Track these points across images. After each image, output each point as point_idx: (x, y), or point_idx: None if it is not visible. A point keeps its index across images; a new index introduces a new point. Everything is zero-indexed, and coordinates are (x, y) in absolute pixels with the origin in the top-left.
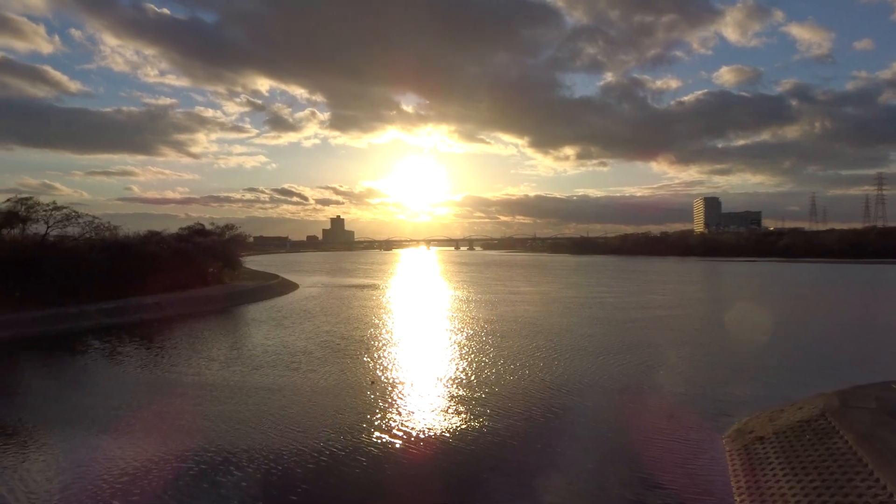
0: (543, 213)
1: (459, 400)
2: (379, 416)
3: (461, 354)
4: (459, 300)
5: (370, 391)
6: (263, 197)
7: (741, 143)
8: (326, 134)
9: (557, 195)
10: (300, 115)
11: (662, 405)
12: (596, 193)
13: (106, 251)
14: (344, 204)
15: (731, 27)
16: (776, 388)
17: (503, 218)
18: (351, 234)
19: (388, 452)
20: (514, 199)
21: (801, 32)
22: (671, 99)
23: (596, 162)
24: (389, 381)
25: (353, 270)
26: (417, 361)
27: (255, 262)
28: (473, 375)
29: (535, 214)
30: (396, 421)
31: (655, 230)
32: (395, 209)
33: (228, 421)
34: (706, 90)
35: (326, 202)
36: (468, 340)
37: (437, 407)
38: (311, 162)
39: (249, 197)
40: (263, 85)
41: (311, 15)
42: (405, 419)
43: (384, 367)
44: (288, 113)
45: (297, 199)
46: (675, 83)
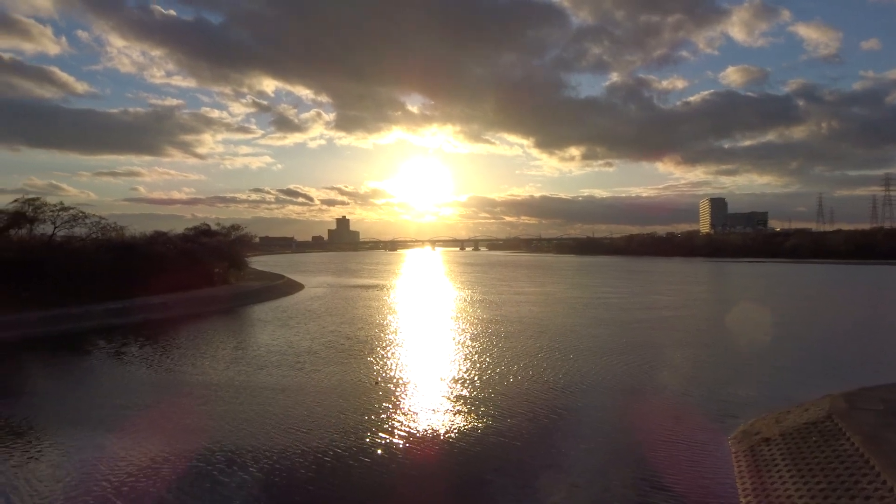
0: (548, 213)
1: (463, 400)
2: (383, 416)
3: (465, 355)
4: (464, 300)
5: (374, 391)
6: (269, 197)
7: (748, 143)
8: (332, 134)
9: (563, 196)
10: (306, 115)
11: (667, 406)
12: (601, 194)
13: (112, 252)
14: (349, 204)
15: (737, 27)
16: (782, 389)
17: (508, 218)
18: (356, 234)
19: (392, 453)
20: (519, 199)
21: (808, 32)
22: (677, 99)
23: (601, 162)
24: (393, 381)
25: (358, 271)
26: (422, 362)
27: (260, 262)
28: (477, 376)
29: (540, 215)
30: (400, 421)
31: (661, 231)
32: (400, 209)
33: (233, 420)
34: (712, 90)
35: (332, 203)
36: (472, 341)
37: (441, 407)
38: (316, 162)
39: (255, 197)
40: (269, 86)
41: (316, 16)
42: (409, 419)
43: (388, 367)
44: (293, 114)
45: (302, 199)
46: (681, 83)
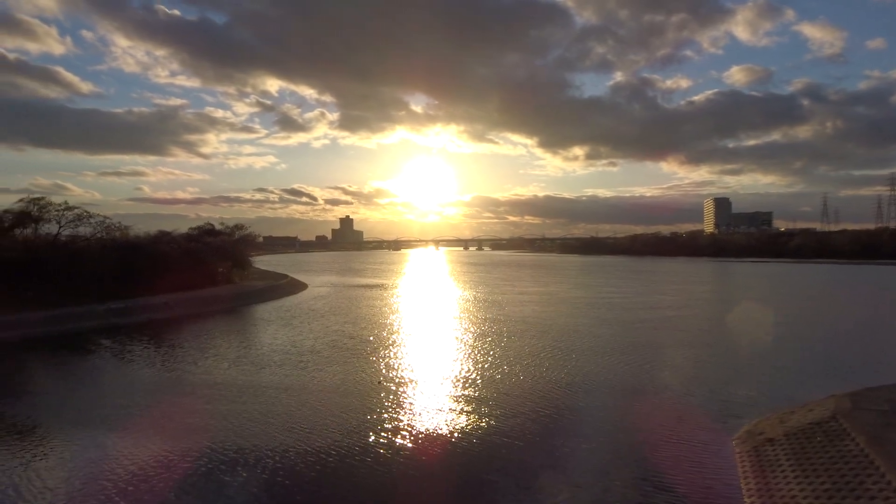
0: (552, 213)
1: (467, 400)
2: (386, 415)
3: (468, 354)
4: (467, 300)
5: (378, 391)
6: (273, 197)
7: (752, 143)
8: (335, 134)
9: (566, 195)
10: (309, 115)
11: (671, 406)
12: (605, 194)
13: (117, 251)
14: (353, 204)
15: (741, 26)
16: (785, 389)
17: (512, 218)
18: (360, 234)
19: (395, 452)
20: (522, 199)
21: (812, 31)
22: (681, 99)
23: (605, 162)
24: (397, 380)
25: (361, 270)
26: (425, 361)
27: (264, 261)
28: (481, 375)
29: (544, 215)
30: (403, 421)
31: (665, 230)
32: (403, 209)
33: (236, 420)
34: (717, 90)
35: (335, 202)
36: (476, 340)
37: (444, 407)
38: (320, 162)
39: (259, 197)
40: (273, 86)
41: (320, 16)
42: (412, 419)
43: (392, 366)
44: (297, 113)
45: (306, 199)
46: (685, 83)
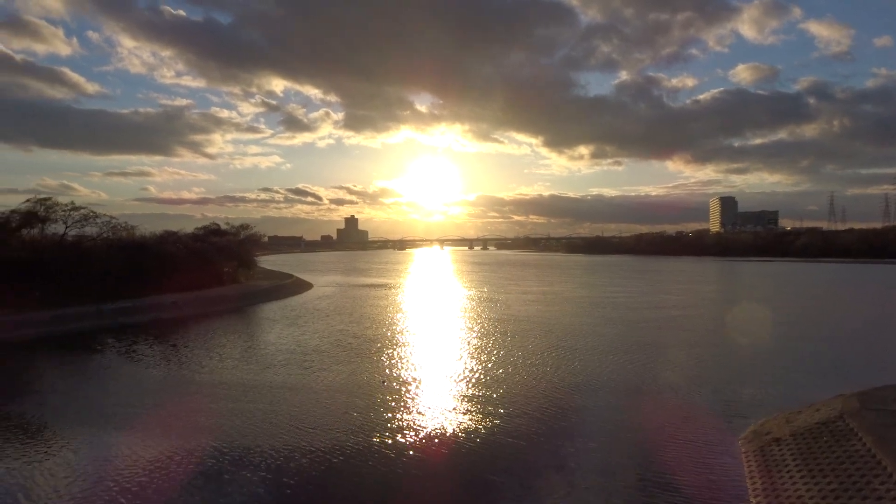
0: (557, 212)
1: (471, 399)
2: (390, 415)
3: (473, 354)
4: (472, 300)
5: (382, 390)
6: (278, 197)
7: (758, 141)
8: (340, 134)
9: (572, 195)
10: (314, 115)
11: (676, 406)
12: (610, 193)
13: (123, 251)
14: (358, 204)
15: (748, 24)
16: (792, 389)
17: (517, 217)
18: (365, 233)
19: (399, 452)
20: (527, 198)
21: (819, 29)
22: (687, 97)
23: (611, 161)
24: (401, 380)
25: (366, 270)
26: (429, 361)
27: (269, 261)
28: (485, 375)
29: (549, 214)
30: (407, 420)
31: (671, 230)
32: (408, 209)
33: (242, 419)
34: (723, 88)
35: (340, 202)
36: (480, 340)
37: (448, 406)
38: (325, 162)
39: (264, 197)
40: (278, 86)
41: (325, 16)
42: (416, 419)
43: (396, 366)
44: (302, 113)
45: (311, 199)
46: (690, 81)
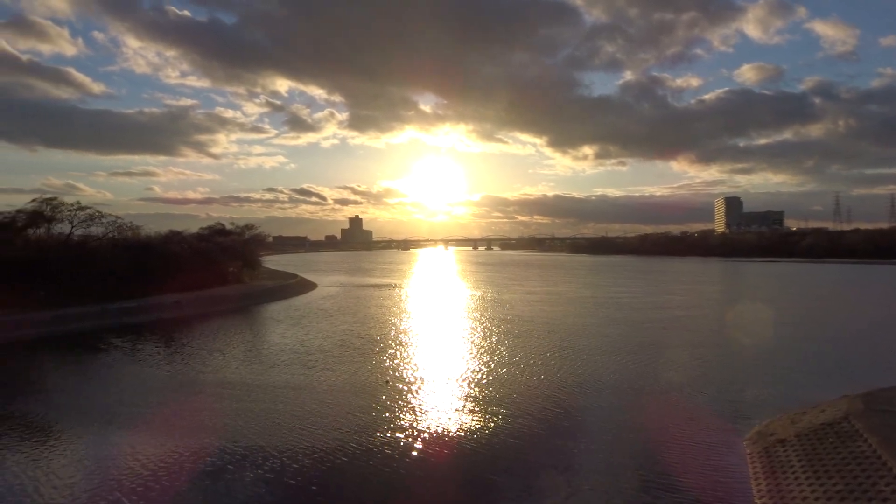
0: (562, 212)
1: (474, 399)
2: (393, 415)
3: (476, 354)
4: (476, 300)
5: (385, 390)
6: (282, 197)
7: (763, 141)
8: (345, 134)
9: (576, 195)
10: (319, 115)
11: (681, 406)
12: (615, 193)
13: (128, 251)
14: (362, 204)
15: (752, 24)
16: (796, 390)
17: (521, 218)
18: (369, 233)
19: (401, 452)
20: (532, 198)
21: (824, 29)
22: (691, 97)
23: (615, 161)
24: (404, 380)
25: (371, 270)
26: (433, 361)
27: (274, 261)
28: (488, 375)
29: (553, 214)
30: (410, 420)
31: (675, 230)
32: (412, 209)
33: (245, 418)
34: (727, 88)
35: (345, 202)
36: (483, 340)
37: (451, 406)
38: (329, 162)
39: (269, 197)
40: (282, 86)
41: (328, 16)
42: (419, 419)
43: (399, 366)
44: (307, 113)
45: (315, 199)
46: (695, 81)
